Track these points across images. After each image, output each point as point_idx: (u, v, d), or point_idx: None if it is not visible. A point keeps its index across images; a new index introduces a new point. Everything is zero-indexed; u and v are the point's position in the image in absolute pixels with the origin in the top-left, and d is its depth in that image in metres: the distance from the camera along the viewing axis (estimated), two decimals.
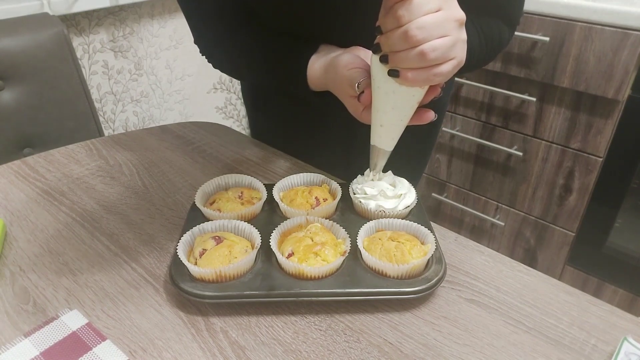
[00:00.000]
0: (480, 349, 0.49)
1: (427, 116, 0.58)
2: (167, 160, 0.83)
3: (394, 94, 0.54)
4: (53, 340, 0.49)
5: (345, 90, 0.60)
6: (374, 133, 0.60)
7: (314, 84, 0.66)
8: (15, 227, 0.66)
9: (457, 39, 0.49)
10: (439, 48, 0.47)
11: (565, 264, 1.55)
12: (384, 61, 0.51)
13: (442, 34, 0.47)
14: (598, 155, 1.36)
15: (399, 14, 0.46)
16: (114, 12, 1.55)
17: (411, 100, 0.55)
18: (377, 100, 0.56)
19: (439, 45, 0.47)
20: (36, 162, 0.82)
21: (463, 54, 0.51)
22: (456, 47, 0.49)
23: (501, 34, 0.71)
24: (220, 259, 0.54)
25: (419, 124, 0.59)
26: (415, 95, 0.54)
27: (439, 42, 0.47)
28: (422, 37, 0.46)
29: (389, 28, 0.48)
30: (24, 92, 1.08)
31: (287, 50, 0.68)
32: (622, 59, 1.21)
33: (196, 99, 1.94)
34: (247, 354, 0.48)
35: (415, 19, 0.46)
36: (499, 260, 0.61)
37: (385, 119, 0.57)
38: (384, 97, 0.55)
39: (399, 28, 0.47)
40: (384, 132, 0.59)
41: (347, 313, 0.53)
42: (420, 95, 0.54)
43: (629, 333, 0.51)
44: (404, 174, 0.68)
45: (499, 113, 1.50)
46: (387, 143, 0.60)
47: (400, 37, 0.47)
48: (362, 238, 0.58)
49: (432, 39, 0.47)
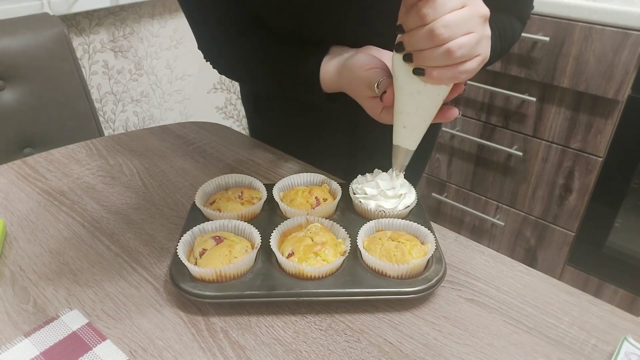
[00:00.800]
0: (480, 349, 0.49)
1: (451, 113, 0.57)
2: (167, 160, 0.83)
3: (419, 94, 0.53)
4: (53, 340, 0.49)
5: (363, 92, 0.59)
6: (397, 134, 0.58)
7: (327, 86, 0.65)
8: (15, 227, 0.66)
9: (482, 35, 0.48)
10: (465, 45, 0.46)
11: (566, 264, 1.55)
12: (407, 60, 0.50)
13: (468, 31, 0.46)
14: (598, 155, 1.36)
15: (423, 12, 0.45)
16: (114, 12, 1.55)
17: (436, 99, 0.53)
18: (400, 101, 0.55)
19: (465, 43, 0.46)
20: (36, 162, 0.82)
21: (488, 50, 0.50)
22: (481, 44, 0.48)
23: (514, 29, 0.71)
24: (220, 258, 0.54)
25: (443, 121, 0.58)
26: (440, 94, 0.53)
27: (464, 39, 0.46)
28: (448, 35, 0.45)
29: (412, 27, 0.47)
30: (24, 92, 1.08)
31: (298, 54, 0.67)
32: (622, 59, 1.21)
33: (196, 99, 1.94)
34: (247, 354, 0.49)
35: (440, 16, 0.45)
36: (499, 260, 0.61)
37: (408, 120, 0.56)
38: (408, 98, 0.54)
39: (424, 27, 0.46)
40: (407, 133, 0.57)
41: (347, 313, 0.53)
42: (445, 93, 0.53)
43: (629, 333, 0.51)
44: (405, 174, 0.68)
45: (499, 113, 1.50)
46: (410, 143, 0.59)
47: (425, 35, 0.46)
48: (362, 238, 0.58)
49: (457, 36, 0.46)
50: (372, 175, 0.66)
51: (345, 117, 0.80)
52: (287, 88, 0.72)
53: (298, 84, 0.68)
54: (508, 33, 0.69)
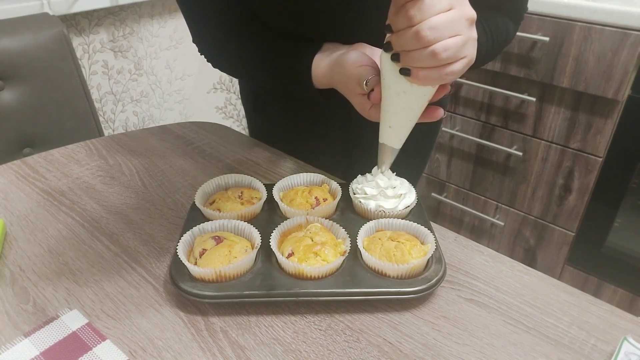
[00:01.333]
0: (480, 349, 0.49)
1: (436, 114, 0.58)
2: (167, 160, 0.83)
3: (405, 94, 0.53)
4: (53, 340, 0.49)
5: (353, 88, 0.60)
6: (383, 132, 0.59)
7: (319, 82, 0.66)
8: (15, 227, 0.66)
9: (468, 38, 0.49)
10: (450, 48, 0.47)
11: (565, 264, 1.55)
12: (395, 59, 0.51)
13: (454, 34, 0.47)
14: (598, 155, 1.36)
15: (410, 14, 0.46)
16: (114, 12, 1.55)
17: (422, 99, 0.54)
18: (386, 100, 0.56)
19: (450, 45, 0.47)
20: (36, 162, 0.82)
21: (474, 52, 0.51)
22: (467, 46, 0.49)
23: (507, 29, 0.71)
24: (220, 258, 0.54)
25: (428, 121, 0.58)
26: (426, 95, 0.54)
27: (450, 41, 0.47)
28: (434, 37, 0.46)
29: (400, 27, 0.48)
30: (24, 92, 1.08)
31: (291, 49, 0.68)
32: (622, 59, 1.21)
33: (196, 99, 1.93)
34: (247, 354, 0.49)
35: (427, 18, 0.46)
36: (498, 260, 0.61)
37: (394, 119, 0.57)
38: (395, 97, 0.54)
39: (411, 28, 0.47)
40: (393, 132, 0.58)
41: (347, 313, 0.53)
42: (431, 94, 0.54)
43: (629, 333, 0.51)
44: (404, 174, 0.68)
45: (498, 113, 1.50)
46: (395, 141, 0.60)
47: (412, 37, 0.47)
48: (362, 238, 0.58)
49: (443, 38, 0.47)
50: (372, 175, 0.66)
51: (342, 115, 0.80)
52: (281, 83, 0.72)
53: (291, 79, 0.69)
54: (501, 33, 0.69)
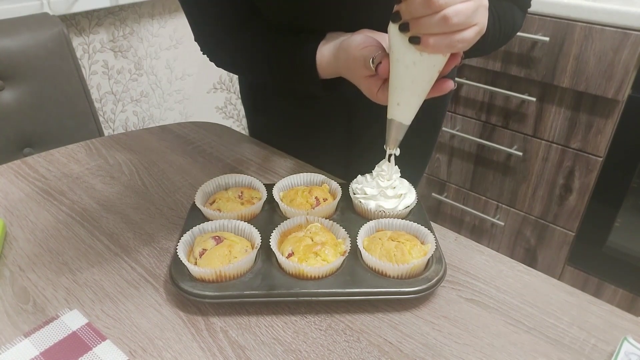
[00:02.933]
0: (480, 349, 0.49)
1: (446, 86, 0.56)
2: (167, 159, 0.83)
3: (414, 66, 0.52)
4: (53, 340, 0.49)
5: (359, 72, 0.59)
6: (391, 108, 0.57)
7: (324, 71, 0.65)
8: (15, 227, 0.66)
9: (480, 4, 0.48)
10: (461, 12, 0.46)
11: (565, 264, 1.55)
12: (404, 29, 0.50)
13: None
14: (598, 155, 1.36)
15: None
16: (114, 12, 1.54)
17: (432, 70, 0.53)
18: (395, 76, 0.54)
19: (461, 10, 0.46)
20: (36, 161, 0.82)
21: (485, 20, 0.50)
22: (478, 13, 0.48)
23: (515, 17, 0.70)
24: (220, 258, 0.54)
25: (439, 94, 0.56)
26: (436, 65, 0.52)
27: (461, 6, 0.46)
28: (445, 1, 0.46)
29: None
30: (24, 92, 1.08)
31: (294, 41, 0.67)
32: (622, 59, 1.21)
33: (196, 99, 1.93)
34: (247, 354, 0.48)
35: None
36: (499, 260, 0.61)
37: (403, 95, 0.55)
38: (404, 71, 0.53)
39: None
40: (401, 108, 0.56)
41: (347, 313, 0.53)
42: (441, 64, 0.52)
43: (629, 333, 0.51)
44: (405, 174, 0.68)
45: (499, 113, 1.50)
46: (405, 117, 0.57)
47: (422, 3, 0.46)
48: (362, 238, 0.58)
49: (454, 3, 0.46)
50: (372, 175, 0.66)
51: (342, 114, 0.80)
52: (284, 77, 0.71)
53: (295, 70, 0.68)
54: (508, 19, 0.69)
